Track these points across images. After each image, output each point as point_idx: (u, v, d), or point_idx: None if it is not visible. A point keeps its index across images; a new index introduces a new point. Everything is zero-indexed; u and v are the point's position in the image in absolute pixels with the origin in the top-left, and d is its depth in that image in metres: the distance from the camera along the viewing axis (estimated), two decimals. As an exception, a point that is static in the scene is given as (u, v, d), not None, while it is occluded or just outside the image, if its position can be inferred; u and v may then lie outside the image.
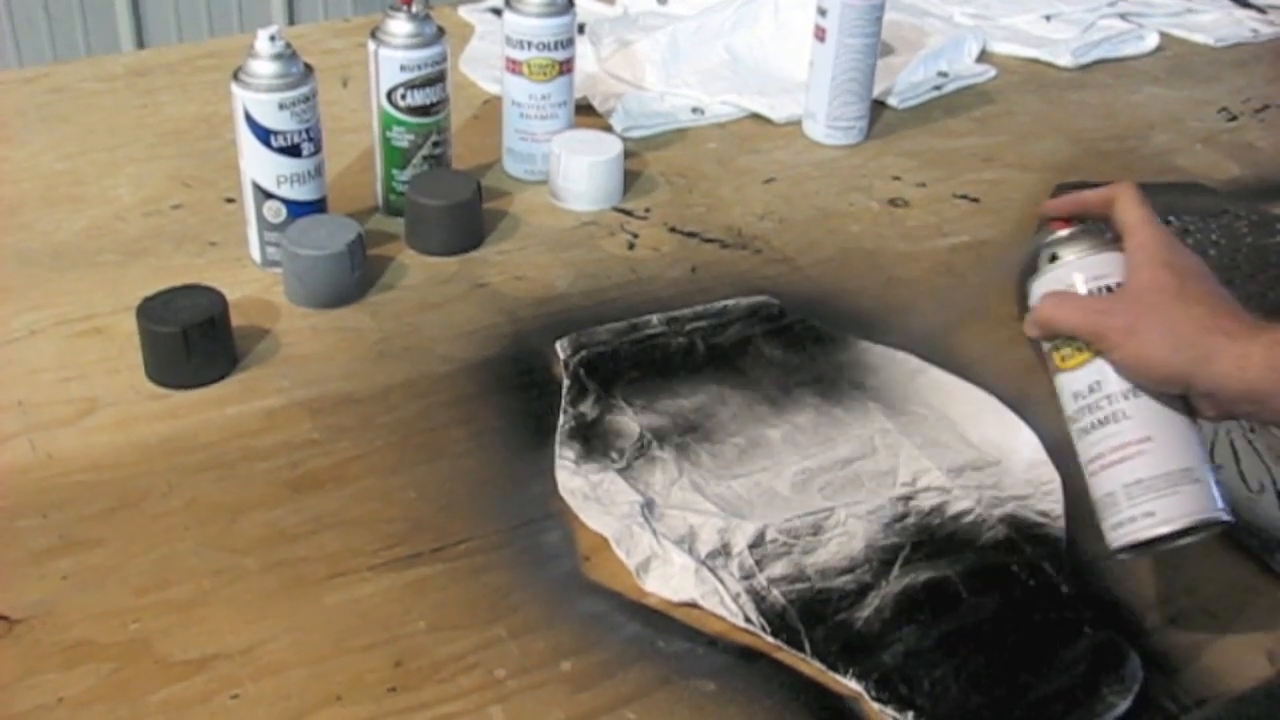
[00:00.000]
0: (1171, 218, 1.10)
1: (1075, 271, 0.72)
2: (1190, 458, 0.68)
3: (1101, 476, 0.70)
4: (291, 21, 2.29)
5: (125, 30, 2.21)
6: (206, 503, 0.78)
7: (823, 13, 1.20)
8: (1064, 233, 0.73)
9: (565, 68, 1.12)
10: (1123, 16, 1.58)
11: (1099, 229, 0.73)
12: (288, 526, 0.76)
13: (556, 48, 1.11)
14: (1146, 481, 0.67)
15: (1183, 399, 0.68)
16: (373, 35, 1.03)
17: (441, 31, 1.04)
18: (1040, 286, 0.73)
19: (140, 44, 2.22)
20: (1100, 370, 0.69)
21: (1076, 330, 0.70)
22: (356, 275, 0.96)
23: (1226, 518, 0.67)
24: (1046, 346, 0.73)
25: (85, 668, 0.67)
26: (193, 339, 0.85)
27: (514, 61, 1.11)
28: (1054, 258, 0.73)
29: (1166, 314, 0.66)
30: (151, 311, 0.86)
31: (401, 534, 0.76)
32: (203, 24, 2.27)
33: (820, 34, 1.21)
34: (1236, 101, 1.41)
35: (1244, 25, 1.60)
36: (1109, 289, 0.70)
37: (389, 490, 0.79)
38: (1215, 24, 1.60)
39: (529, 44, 1.10)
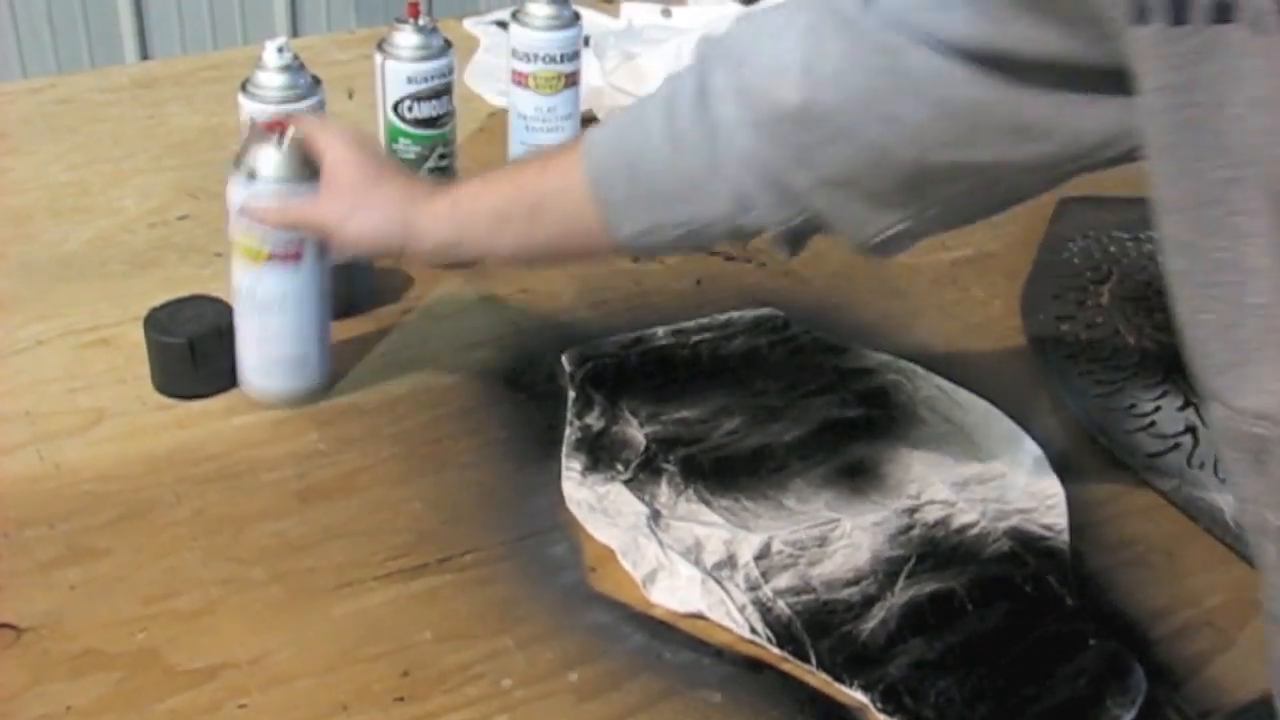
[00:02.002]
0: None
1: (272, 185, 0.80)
2: None
3: None
4: (295, 34, 2.29)
5: (129, 42, 2.21)
6: (213, 513, 0.78)
7: (826, 27, 1.21)
8: (259, 145, 0.81)
9: (571, 80, 1.13)
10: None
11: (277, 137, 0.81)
12: (294, 537, 0.76)
13: (563, 60, 1.11)
14: None
15: None
16: (379, 47, 1.03)
17: (448, 44, 1.05)
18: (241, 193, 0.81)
19: (144, 55, 2.22)
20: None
21: (295, 224, 0.81)
22: (363, 287, 0.97)
23: None
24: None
25: (93, 677, 0.67)
26: (199, 350, 0.85)
27: (520, 74, 1.12)
28: (253, 174, 0.81)
29: (369, 198, 0.78)
30: (158, 322, 0.87)
31: (408, 544, 0.76)
32: (206, 36, 2.27)
33: (824, 48, 1.22)
34: (1238, 116, 1.41)
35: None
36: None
37: (395, 501, 0.80)
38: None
39: (535, 56, 1.10)
